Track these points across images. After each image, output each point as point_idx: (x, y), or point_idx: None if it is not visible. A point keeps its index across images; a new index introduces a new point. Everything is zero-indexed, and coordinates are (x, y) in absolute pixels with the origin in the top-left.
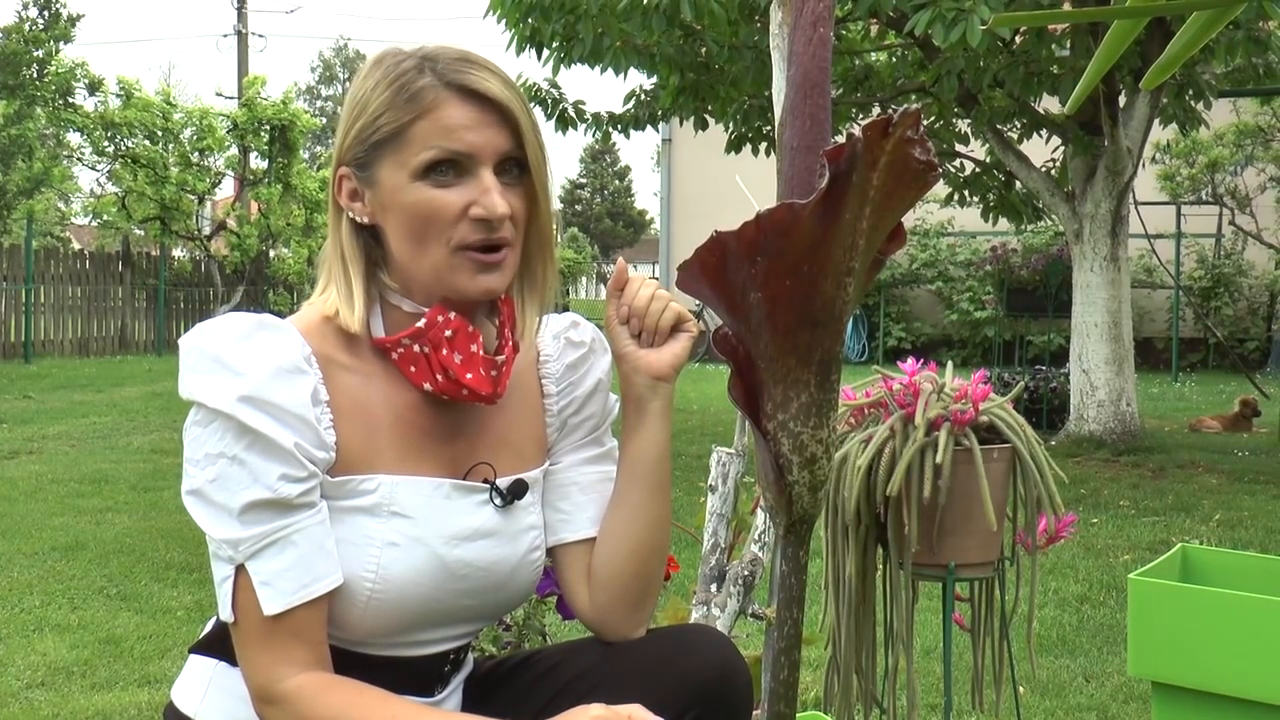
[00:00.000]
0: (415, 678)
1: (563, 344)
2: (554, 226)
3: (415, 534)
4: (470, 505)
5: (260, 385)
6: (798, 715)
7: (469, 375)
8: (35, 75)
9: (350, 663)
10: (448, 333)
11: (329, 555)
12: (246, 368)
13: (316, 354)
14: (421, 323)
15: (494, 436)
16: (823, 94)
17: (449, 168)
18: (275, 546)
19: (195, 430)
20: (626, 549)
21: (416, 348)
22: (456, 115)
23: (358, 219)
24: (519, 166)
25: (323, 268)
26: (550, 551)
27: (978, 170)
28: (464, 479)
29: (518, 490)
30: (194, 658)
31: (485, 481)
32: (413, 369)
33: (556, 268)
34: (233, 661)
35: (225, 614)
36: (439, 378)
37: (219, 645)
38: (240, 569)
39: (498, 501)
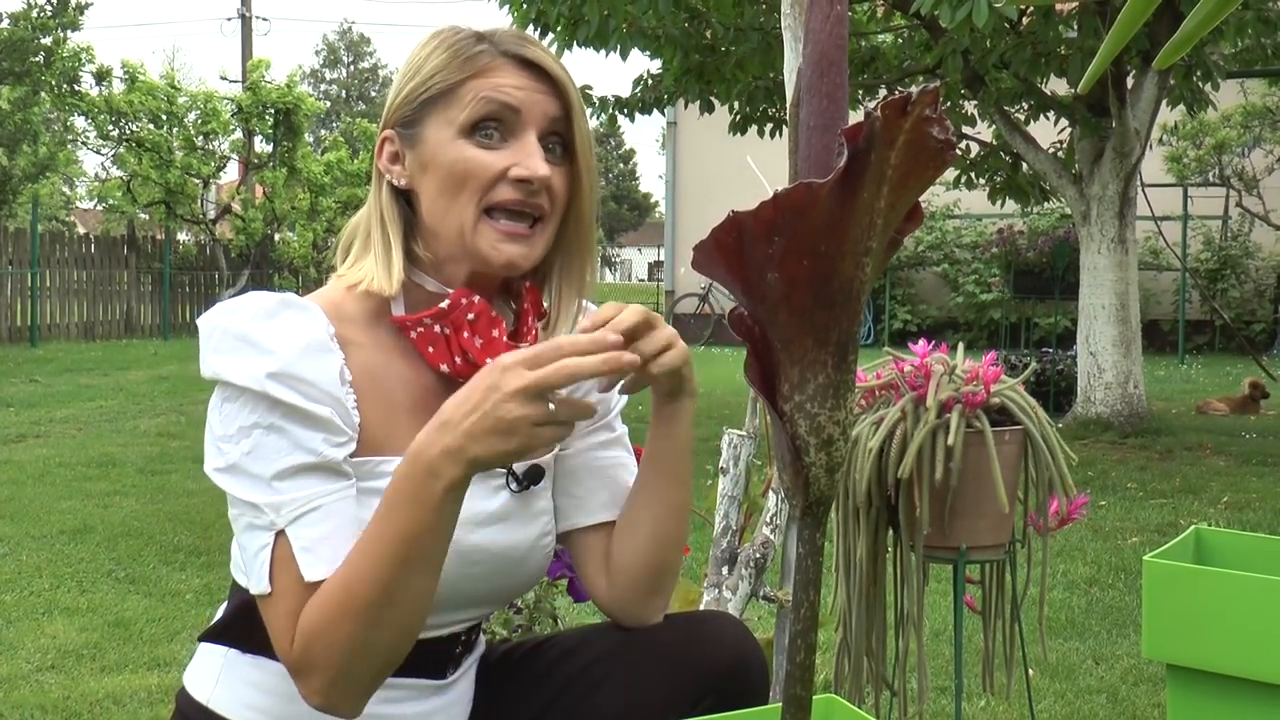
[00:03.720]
0: (427, 660)
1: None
2: (595, 220)
3: None
4: (486, 490)
5: (290, 362)
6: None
7: (488, 360)
8: (42, 63)
9: None
10: (470, 315)
11: (361, 530)
12: (275, 345)
13: (338, 334)
14: (445, 303)
15: None
16: (840, 72)
17: (495, 127)
18: (318, 513)
19: (226, 407)
20: (645, 537)
21: (438, 328)
22: (510, 77)
23: (395, 182)
24: (563, 146)
25: (356, 238)
26: (564, 537)
27: (984, 152)
28: None
29: (534, 475)
30: (204, 646)
31: (501, 466)
32: (431, 349)
33: (596, 261)
34: (244, 649)
35: (261, 586)
36: (458, 360)
37: (229, 633)
38: (280, 536)
39: (514, 486)
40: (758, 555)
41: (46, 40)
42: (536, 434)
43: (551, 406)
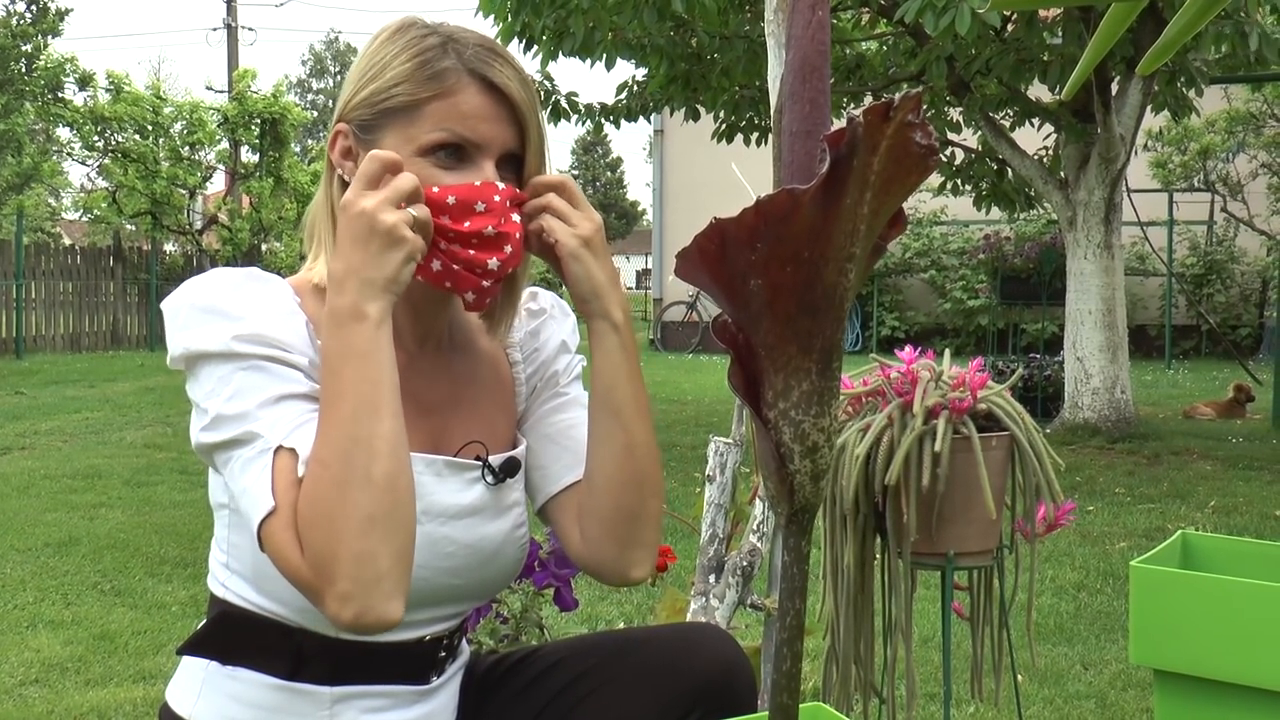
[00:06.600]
0: (408, 663)
1: (524, 315)
2: None
3: None
4: (461, 483)
5: (260, 324)
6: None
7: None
8: (24, 70)
9: (342, 651)
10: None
11: None
12: (243, 312)
13: (302, 308)
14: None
15: (470, 412)
16: (822, 78)
17: (454, 152)
18: (309, 426)
19: (201, 373)
20: (601, 480)
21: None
22: (474, 103)
23: (347, 178)
24: (515, 165)
25: (312, 230)
26: (542, 512)
27: (970, 158)
28: (455, 456)
29: (510, 468)
30: (186, 660)
31: (477, 459)
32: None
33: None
34: (224, 661)
35: (266, 505)
36: (436, 265)
37: (206, 644)
38: (278, 452)
39: (490, 480)
40: (745, 563)
41: (27, 47)
42: (414, 237)
43: (411, 210)
